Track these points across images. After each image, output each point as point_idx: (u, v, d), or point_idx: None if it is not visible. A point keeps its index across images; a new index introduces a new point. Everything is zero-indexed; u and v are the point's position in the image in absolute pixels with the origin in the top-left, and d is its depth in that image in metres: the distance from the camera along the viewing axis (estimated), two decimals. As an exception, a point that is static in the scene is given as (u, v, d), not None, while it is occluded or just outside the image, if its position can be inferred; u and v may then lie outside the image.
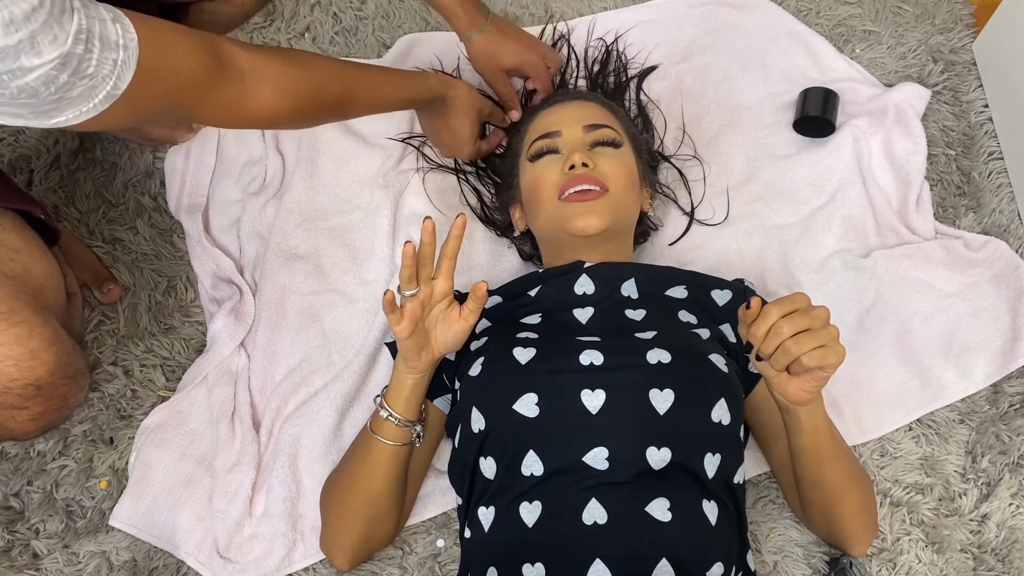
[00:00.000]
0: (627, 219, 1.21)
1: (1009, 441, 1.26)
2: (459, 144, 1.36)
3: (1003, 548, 1.21)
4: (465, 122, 1.33)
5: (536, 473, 1.02)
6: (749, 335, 0.95)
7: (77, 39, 0.80)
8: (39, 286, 1.08)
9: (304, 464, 1.24)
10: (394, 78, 1.25)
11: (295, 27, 1.57)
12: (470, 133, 1.35)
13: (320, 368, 1.30)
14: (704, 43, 1.55)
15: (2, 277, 1.02)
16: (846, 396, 1.28)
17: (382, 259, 1.36)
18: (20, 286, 1.05)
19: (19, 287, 1.04)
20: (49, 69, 0.79)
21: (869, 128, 1.43)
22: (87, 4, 0.83)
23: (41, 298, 1.07)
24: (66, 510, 1.24)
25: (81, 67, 0.81)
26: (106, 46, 0.83)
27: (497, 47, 1.36)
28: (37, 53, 0.78)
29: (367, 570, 1.20)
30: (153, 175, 1.46)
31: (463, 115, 1.32)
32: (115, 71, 0.84)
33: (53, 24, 0.78)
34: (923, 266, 1.34)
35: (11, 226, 1.10)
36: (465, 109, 1.32)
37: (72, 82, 0.82)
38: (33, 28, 0.77)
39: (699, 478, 1.03)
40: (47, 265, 1.11)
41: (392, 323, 1.02)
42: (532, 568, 1.00)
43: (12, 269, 1.05)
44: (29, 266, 1.08)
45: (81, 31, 0.81)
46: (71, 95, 0.82)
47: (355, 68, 1.21)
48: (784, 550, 1.20)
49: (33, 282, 1.08)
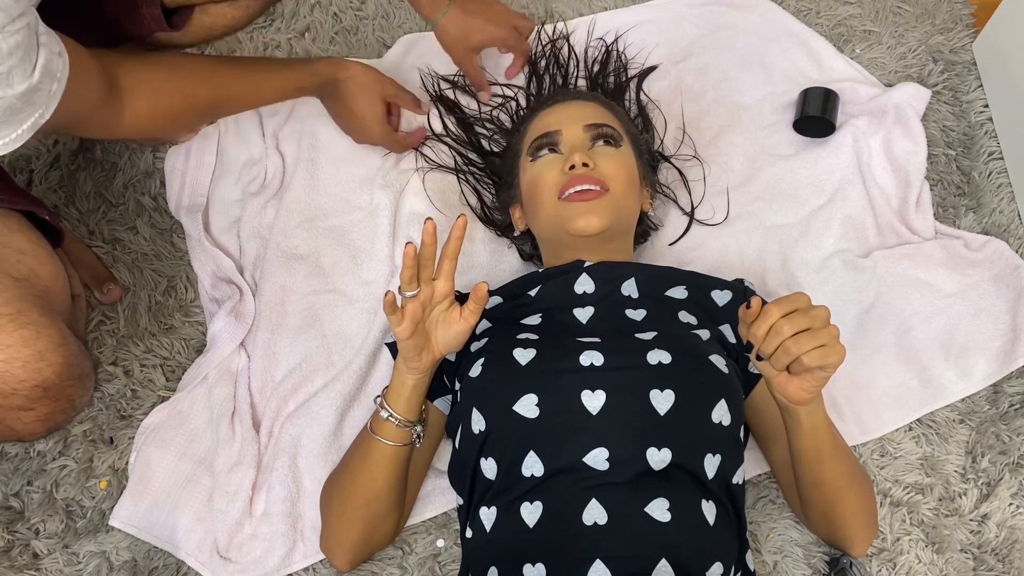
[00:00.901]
0: (627, 219, 1.21)
1: (1009, 441, 1.26)
2: (365, 127, 1.35)
3: (1003, 548, 1.21)
4: (366, 103, 1.31)
5: (536, 474, 1.02)
6: (749, 335, 0.95)
7: (43, 73, 0.83)
8: (45, 288, 1.09)
9: (304, 464, 1.24)
10: (278, 70, 1.25)
11: (295, 27, 1.57)
12: (373, 114, 1.33)
13: (320, 368, 1.30)
14: (704, 43, 1.55)
15: (9, 279, 1.02)
16: (846, 396, 1.28)
17: (382, 259, 1.36)
18: (27, 288, 1.05)
19: (26, 289, 1.04)
20: (14, 100, 0.81)
21: (869, 128, 1.43)
22: (49, 35, 0.84)
23: (48, 300, 1.08)
24: (66, 510, 1.24)
25: (34, 97, 0.83)
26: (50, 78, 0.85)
27: (462, 27, 1.35)
28: (9, 85, 0.79)
29: (367, 570, 1.20)
30: (153, 175, 1.46)
31: (362, 96, 1.31)
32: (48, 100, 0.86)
33: (26, 59, 0.79)
34: (923, 266, 1.34)
35: (17, 227, 1.10)
36: (362, 89, 1.30)
37: (22, 109, 0.82)
38: (12, 63, 0.78)
39: (699, 478, 1.03)
40: (53, 266, 1.12)
41: (393, 324, 1.02)
42: (533, 568, 1.00)
43: (19, 271, 1.05)
44: (35, 268, 1.08)
45: (44, 66, 0.83)
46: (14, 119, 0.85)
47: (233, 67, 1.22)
48: (784, 550, 1.20)
49: (40, 284, 1.08)
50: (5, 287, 1.01)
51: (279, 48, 1.55)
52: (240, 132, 1.47)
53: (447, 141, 1.44)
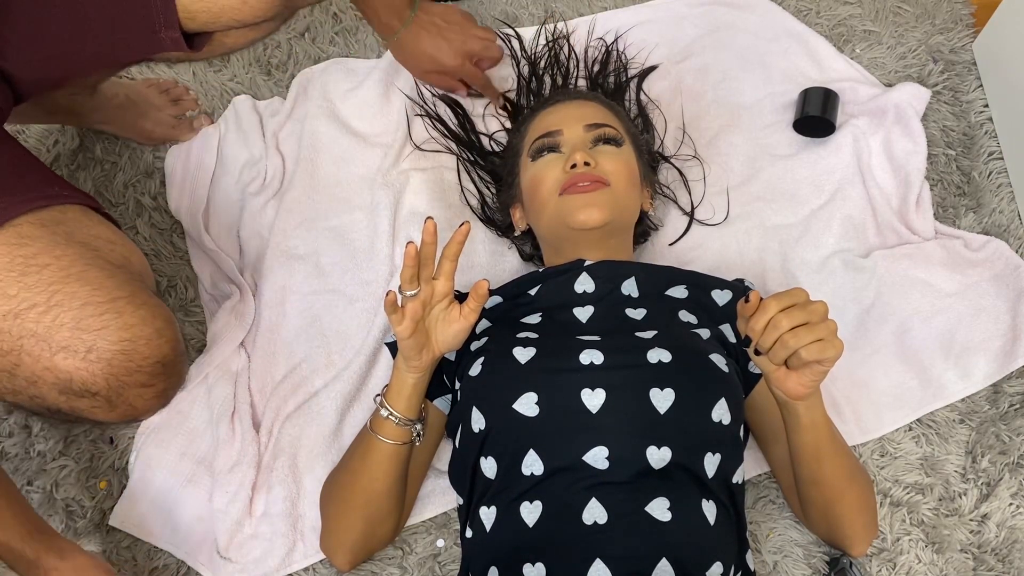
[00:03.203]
0: (628, 215, 1.21)
1: (1009, 441, 1.26)
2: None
3: (1003, 548, 1.21)
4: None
5: (536, 473, 1.02)
6: (748, 329, 0.95)
7: None
8: (139, 272, 1.14)
9: (304, 464, 1.24)
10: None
11: (295, 27, 1.57)
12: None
13: (320, 368, 1.30)
14: (704, 43, 1.55)
15: (111, 266, 1.07)
16: (846, 396, 1.28)
17: (382, 259, 1.36)
18: (129, 272, 1.11)
19: (129, 273, 1.10)
20: None
21: (869, 128, 1.43)
22: None
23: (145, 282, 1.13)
24: (66, 510, 1.24)
25: None
26: None
27: (411, 56, 1.36)
28: None
29: (367, 570, 1.20)
30: (153, 175, 1.46)
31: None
32: None
33: None
34: (923, 266, 1.34)
35: (97, 220, 1.15)
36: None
37: None
38: None
39: (699, 478, 1.03)
40: (138, 253, 1.18)
41: (393, 323, 1.02)
42: (533, 568, 1.00)
43: (115, 258, 1.11)
44: (126, 254, 1.14)
45: None
46: None
47: None
48: (784, 550, 1.20)
49: (135, 268, 1.13)
50: (113, 273, 1.06)
51: (279, 48, 1.55)
52: (240, 132, 1.47)
53: (448, 143, 1.45)
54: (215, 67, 1.54)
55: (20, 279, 1.01)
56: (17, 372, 1.03)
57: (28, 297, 1.01)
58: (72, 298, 1.02)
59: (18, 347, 1.01)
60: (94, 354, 1.01)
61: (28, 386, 1.03)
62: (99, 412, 1.07)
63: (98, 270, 1.05)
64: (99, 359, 1.02)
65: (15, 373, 1.03)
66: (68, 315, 1.01)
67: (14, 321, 1.00)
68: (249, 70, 1.54)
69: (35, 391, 1.04)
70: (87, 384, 1.03)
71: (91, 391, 1.03)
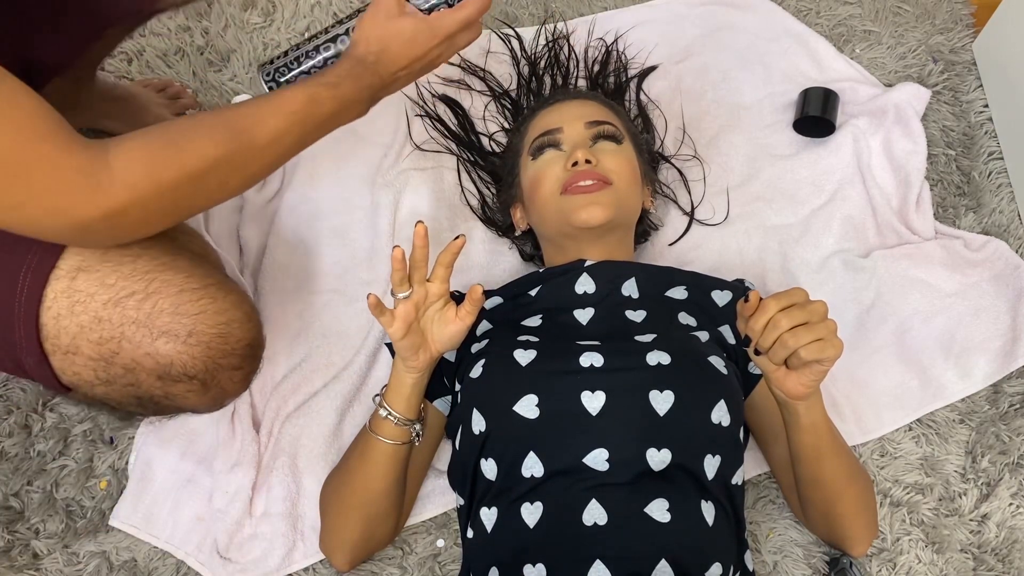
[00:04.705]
0: (629, 213, 1.21)
1: (1009, 441, 1.26)
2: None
3: (1003, 548, 1.21)
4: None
5: (536, 474, 1.02)
6: (747, 328, 0.95)
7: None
8: (215, 262, 1.18)
9: (304, 464, 1.24)
10: None
11: (295, 27, 1.57)
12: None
13: (320, 368, 1.30)
14: (704, 43, 1.55)
15: (195, 256, 1.09)
16: (846, 396, 1.28)
17: (382, 259, 1.36)
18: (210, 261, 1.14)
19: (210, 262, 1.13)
20: None
21: (869, 128, 1.44)
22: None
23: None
24: (66, 510, 1.24)
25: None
26: None
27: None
28: None
29: (367, 570, 1.20)
30: (153, 175, 1.46)
31: None
32: None
33: None
34: (923, 266, 1.34)
35: None
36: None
37: None
38: None
39: (699, 479, 1.03)
40: (210, 245, 1.21)
41: (384, 325, 1.02)
42: (533, 569, 1.00)
43: (196, 249, 1.13)
44: (203, 246, 1.17)
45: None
46: None
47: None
48: (784, 550, 1.20)
49: (212, 258, 1.17)
50: (200, 263, 1.08)
51: (279, 48, 1.55)
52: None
53: (448, 143, 1.45)
54: (215, 67, 1.54)
55: (116, 269, 1.02)
56: (115, 360, 1.03)
57: (127, 286, 1.02)
58: (168, 285, 1.03)
59: (119, 334, 1.02)
60: (194, 338, 1.03)
61: (125, 374, 1.04)
62: (192, 396, 1.08)
63: (186, 259, 1.07)
64: (199, 342, 1.03)
65: (112, 361, 1.03)
66: (167, 301, 1.02)
67: (114, 309, 1.02)
68: (249, 70, 1.54)
69: (131, 378, 1.05)
70: (187, 368, 1.04)
71: (189, 375, 1.05)
